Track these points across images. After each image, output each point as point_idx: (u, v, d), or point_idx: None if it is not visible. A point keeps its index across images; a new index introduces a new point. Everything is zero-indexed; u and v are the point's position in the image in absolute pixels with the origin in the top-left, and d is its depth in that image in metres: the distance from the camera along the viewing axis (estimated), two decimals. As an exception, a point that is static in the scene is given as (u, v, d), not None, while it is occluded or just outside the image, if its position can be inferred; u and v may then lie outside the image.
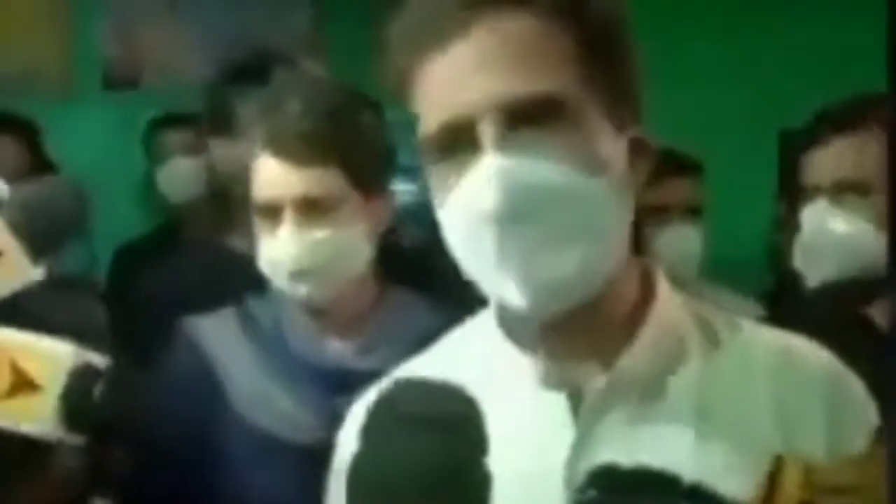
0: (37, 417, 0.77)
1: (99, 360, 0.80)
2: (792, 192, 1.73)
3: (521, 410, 0.95)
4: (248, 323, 1.51)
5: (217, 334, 1.49)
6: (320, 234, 1.39)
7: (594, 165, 0.89)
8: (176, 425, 1.44)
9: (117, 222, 2.65)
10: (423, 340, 1.08)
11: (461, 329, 1.06)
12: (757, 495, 0.58)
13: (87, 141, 2.89)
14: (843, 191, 1.63)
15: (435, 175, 0.93)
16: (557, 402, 0.95)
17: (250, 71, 1.98)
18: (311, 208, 1.39)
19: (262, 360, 1.47)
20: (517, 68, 0.89)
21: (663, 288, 0.99)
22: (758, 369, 0.96)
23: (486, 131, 0.88)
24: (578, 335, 0.94)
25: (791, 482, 0.60)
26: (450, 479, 0.69)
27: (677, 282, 1.01)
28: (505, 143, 0.88)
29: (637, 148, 0.94)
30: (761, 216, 3.12)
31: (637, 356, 0.94)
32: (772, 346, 0.99)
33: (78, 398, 0.77)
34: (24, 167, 2.24)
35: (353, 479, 0.70)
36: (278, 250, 1.40)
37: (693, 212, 2.50)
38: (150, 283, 2.02)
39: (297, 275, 1.40)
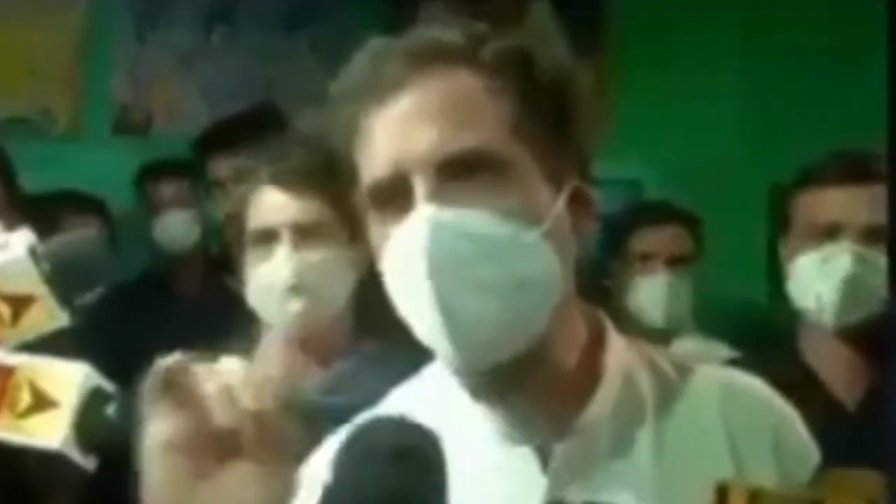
0: (54, 433, 0.79)
1: (108, 385, 0.82)
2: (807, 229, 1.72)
3: (486, 461, 0.95)
4: None
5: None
6: (314, 256, 1.48)
7: (528, 217, 0.89)
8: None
9: (124, 264, 2.69)
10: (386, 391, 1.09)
11: (420, 378, 1.05)
12: None
13: (97, 183, 2.94)
14: (871, 235, 1.64)
15: (373, 228, 0.94)
16: (525, 457, 0.95)
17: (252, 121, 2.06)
18: (306, 234, 1.49)
19: None
20: (451, 123, 0.89)
21: (612, 335, 0.99)
22: (709, 408, 0.98)
23: (419, 185, 0.88)
24: (529, 387, 0.94)
25: None
26: None
27: (649, 328, 1.03)
28: (437, 196, 0.88)
29: (579, 201, 0.94)
30: (753, 266, 3.21)
31: (599, 411, 0.94)
32: (720, 386, 1.01)
33: (91, 416, 0.80)
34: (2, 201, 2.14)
35: None
36: (274, 268, 1.48)
37: (679, 261, 2.56)
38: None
39: (292, 290, 1.47)
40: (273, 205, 1.51)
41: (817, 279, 1.68)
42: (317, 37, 3.17)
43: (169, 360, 0.75)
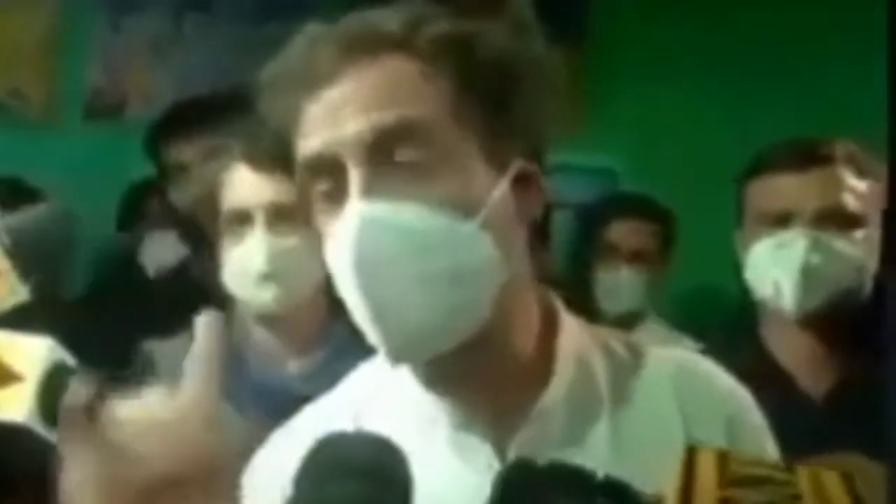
0: (18, 407, 0.78)
1: (70, 359, 0.82)
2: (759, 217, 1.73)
3: (441, 450, 0.94)
4: None
5: (174, 358, 1.54)
6: (288, 241, 1.46)
7: (465, 205, 0.87)
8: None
9: (98, 249, 2.69)
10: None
11: (374, 364, 1.03)
12: (674, 487, 0.60)
13: (69, 167, 2.92)
14: (824, 220, 1.63)
15: (318, 217, 0.92)
16: (481, 448, 0.94)
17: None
18: (281, 216, 1.46)
19: None
20: (384, 105, 0.87)
21: (565, 318, 0.99)
22: (664, 391, 0.98)
23: (352, 175, 0.87)
24: (478, 376, 0.93)
25: (706, 472, 0.61)
26: None
27: (612, 316, 1.02)
28: (370, 187, 0.86)
29: (525, 182, 0.93)
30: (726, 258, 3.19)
31: (554, 397, 0.94)
32: (674, 367, 1.01)
33: (54, 390, 0.79)
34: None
35: None
36: (248, 253, 1.46)
37: (643, 257, 2.60)
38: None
39: (265, 277, 1.45)
40: (246, 185, 1.49)
41: (773, 266, 1.67)
42: (291, 26, 3.16)
43: (76, 396, 0.70)
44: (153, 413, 0.70)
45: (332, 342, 1.54)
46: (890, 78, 0.77)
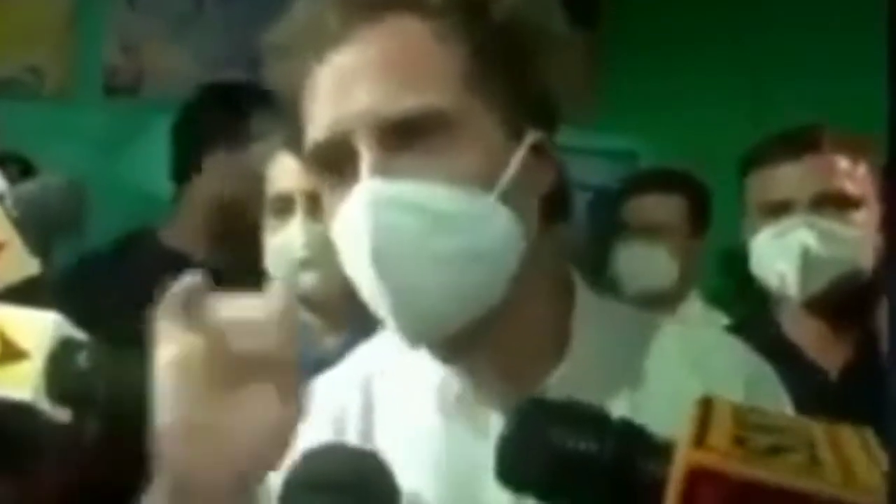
0: (24, 383, 0.78)
1: (80, 334, 0.81)
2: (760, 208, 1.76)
3: (453, 422, 0.94)
4: None
5: None
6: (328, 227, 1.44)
7: (483, 179, 0.85)
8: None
9: (113, 225, 2.68)
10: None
11: (384, 335, 1.02)
12: (689, 432, 0.59)
13: (86, 144, 2.92)
14: (821, 205, 1.68)
15: (325, 197, 0.90)
16: (493, 418, 0.93)
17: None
18: (321, 203, 1.44)
19: None
20: (396, 81, 0.84)
21: (583, 294, 0.96)
22: (682, 363, 0.96)
23: (364, 155, 0.84)
24: (490, 350, 0.91)
25: (722, 416, 0.61)
26: None
27: (634, 297, 1.01)
28: (382, 165, 0.83)
29: (538, 156, 0.90)
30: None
31: (566, 373, 0.92)
32: (693, 341, 0.99)
33: (62, 365, 0.79)
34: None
35: None
36: (288, 239, 1.47)
37: (661, 230, 2.55)
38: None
39: (305, 263, 1.46)
40: (289, 171, 1.49)
41: (776, 256, 1.71)
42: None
43: (184, 282, 0.73)
44: (243, 309, 0.73)
45: (364, 317, 1.54)
46: (890, 78, 0.76)
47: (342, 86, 0.85)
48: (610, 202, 2.76)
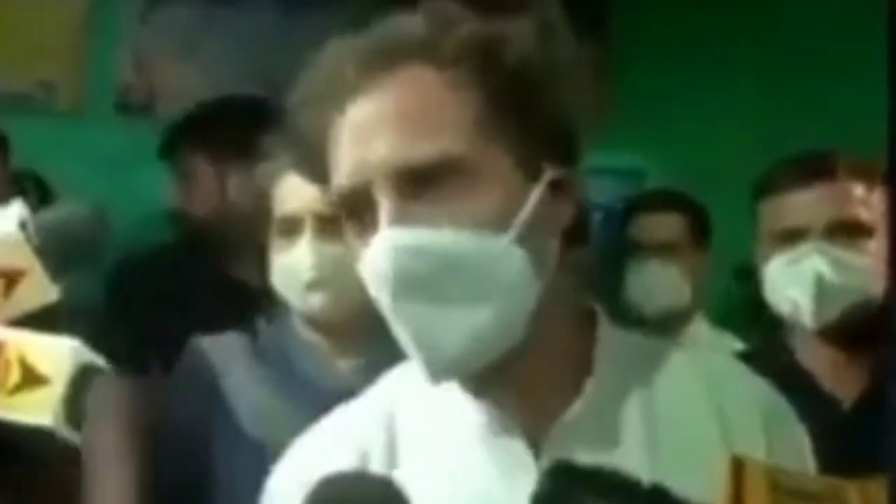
0: (43, 409, 0.79)
1: (99, 360, 0.83)
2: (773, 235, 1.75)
3: (477, 450, 0.95)
4: (257, 344, 1.55)
5: (226, 353, 1.55)
6: (336, 249, 1.44)
7: (498, 222, 0.87)
8: (180, 433, 1.48)
9: (124, 242, 2.69)
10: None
11: (410, 364, 1.02)
12: (724, 496, 0.60)
13: (98, 161, 2.93)
14: (835, 232, 1.67)
15: (349, 238, 0.93)
16: (517, 448, 0.94)
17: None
18: (329, 224, 1.45)
19: (269, 379, 1.52)
20: (413, 130, 0.86)
21: (605, 327, 0.98)
22: (699, 390, 0.97)
23: (383, 204, 0.87)
24: (514, 382, 0.93)
25: (756, 485, 0.61)
26: None
27: (651, 317, 1.02)
28: (400, 214, 0.86)
29: (558, 191, 0.91)
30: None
31: (587, 406, 0.94)
32: (710, 368, 1.01)
33: (81, 392, 0.80)
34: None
35: None
36: (296, 260, 1.47)
37: (671, 248, 2.55)
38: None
39: (313, 285, 1.46)
40: (296, 192, 1.48)
41: (789, 284, 1.70)
42: (321, 17, 3.15)
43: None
44: None
45: (380, 340, 1.54)
46: (890, 80, 0.76)
47: (360, 137, 0.88)
48: (614, 223, 2.76)
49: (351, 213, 0.91)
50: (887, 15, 0.83)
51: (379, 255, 0.86)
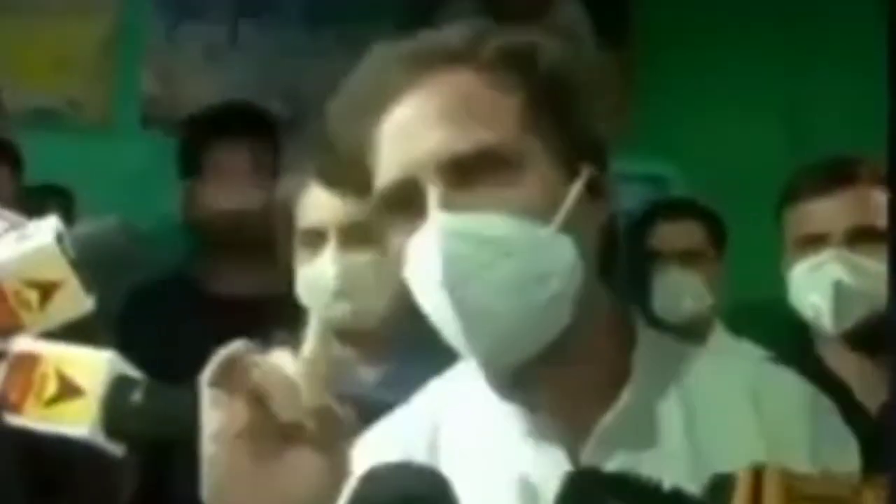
0: (81, 420, 0.81)
1: (134, 372, 0.84)
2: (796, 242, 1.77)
3: (516, 459, 0.96)
4: None
5: None
6: (363, 257, 1.47)
7: (543, 211, 0.90)
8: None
9: (151, 256, 2.70)
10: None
11: (453, 374, 1.06)
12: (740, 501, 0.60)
13: (125, 175, 2.95)
14: (856, 239, 1.69)
15: (391, 237, 0.95)
16: (556, 455, 0.95)
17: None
18: (354, 234, 1.46)
19: None
20: (457, 124, 0.90)
21: (643, 332, 1.00)
22: (740, 394, 0.98)
23: (431, 192, 0.90)
24: (554, 387, 0.95)
25: (773, 490, 0.62)
26: None
27: (674, 326, 1.04)
28: (448, 201, 0.89)
29: (594, 189, 0.95)
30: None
31: (624, 411, 0.95)
32: (751, 372, 1.02)
33: (117, 403, 0.81)
34: (10, 192, 2.19)
35: None
36: (321, 270, 1.48)
37: (692, 257, 2.56)
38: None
39: (338, 294, 1.47)
40: (320, 204, 1.50)
41: (810, 290, 1.72)
42: (344, 31, 3.17)
43: (229, 350, 0.76)
44: (281, 369, 0.75)
45: (402, 349, 1.55)
46: (890, 81, 0.77)
47: (407, 133, 0.91)
48: (635, 230, 2.76)
49: (396, 208, 0.93)
50: (888, 15, 0.83)
51: (429, 240, 0.89)
